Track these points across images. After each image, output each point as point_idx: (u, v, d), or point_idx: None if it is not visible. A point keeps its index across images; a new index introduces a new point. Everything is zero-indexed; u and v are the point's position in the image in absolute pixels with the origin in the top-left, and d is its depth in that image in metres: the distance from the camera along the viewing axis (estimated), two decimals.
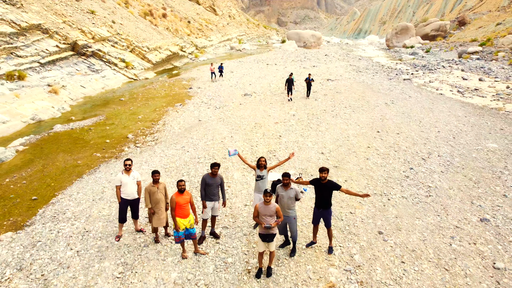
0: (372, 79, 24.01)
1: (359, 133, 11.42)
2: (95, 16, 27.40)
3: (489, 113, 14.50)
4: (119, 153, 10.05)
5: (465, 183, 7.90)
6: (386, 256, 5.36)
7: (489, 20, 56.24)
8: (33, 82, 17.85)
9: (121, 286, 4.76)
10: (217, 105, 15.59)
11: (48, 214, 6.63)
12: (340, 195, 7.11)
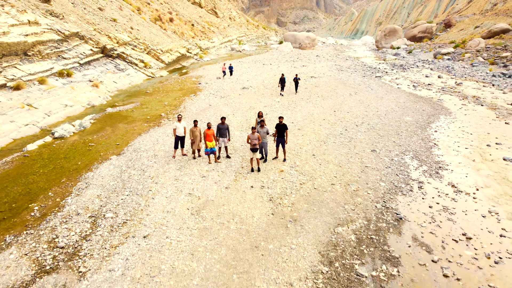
0: (349, 76, 29.32)
1: (320, 112, 16.73)
2: (117, 24, 32.77)
3: (423, 100, 19.81)
4: (159, 123, 15.36)
5: (374, 136, 13.19)
6: (312, 163, 10.64)
7: (470, 23, 61.46)
8: (78, 78, 23.16)
9: (178, 172, 10.03)
10: (222, 95, 20.92)
11: (130, 149, 11.93)
12: (298, 141, 12.40)
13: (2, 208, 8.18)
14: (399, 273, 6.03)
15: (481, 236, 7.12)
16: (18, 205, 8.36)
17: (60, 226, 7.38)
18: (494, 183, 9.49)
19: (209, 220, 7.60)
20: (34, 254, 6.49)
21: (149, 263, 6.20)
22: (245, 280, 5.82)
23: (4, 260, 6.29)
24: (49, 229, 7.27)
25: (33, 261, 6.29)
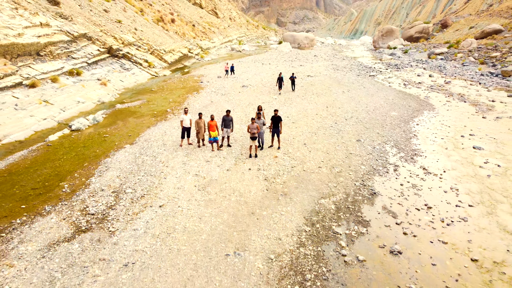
0: (344, 75, 30.80)
1: (314, 108, 18.21)
2: (122, 25, 34.25)
3: (411, 97, 21.28)
4: (166, 118, 16.83)
5: (361, 129, 14.67)
6: (303, 150, 12.11)
7: (466, 24, 62.93)
8: (87, 77, 24.63)
9: (185, 158, 11.50)
10: (223, 93, 22.40)
11: (142, 139, 13.40)
12: (292, 133, 13.88)
13: (37, 186, 9.65)
14: (367, 231, 7.50)
15: (440, 206, 8.59)
16: (50, 183, 9.83)
17: (89, 199, 8.86)
18: (460, 167, 10.97)
19: (213, 194, 9.07)
20: (71, 218, 7.97)
21: (165, 224, 7.67)
22: (243, 236, 7.29)
23: (47, 223, 7.77)
24: (80, 201, 8.74)
25: (70, 224, 7.76)
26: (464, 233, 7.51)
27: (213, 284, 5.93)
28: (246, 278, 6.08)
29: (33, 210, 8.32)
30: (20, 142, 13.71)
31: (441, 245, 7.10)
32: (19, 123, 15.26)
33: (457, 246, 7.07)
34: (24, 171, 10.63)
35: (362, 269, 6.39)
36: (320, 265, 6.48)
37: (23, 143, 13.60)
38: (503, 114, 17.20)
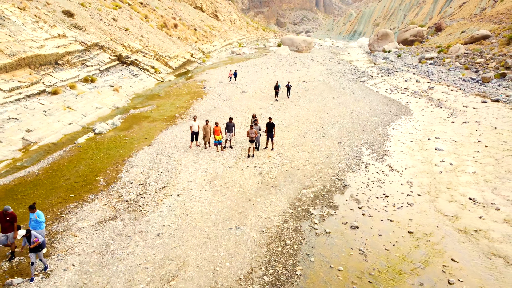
0: (337, 81, 33.32)
1: (305, 113, 20.75)
2: (129, 33, 36.76)
3: (393, 103, 23.81)
4: (175, 122, 19.36)
5: (343, 132, 17.20)
6: (293, 151, 14.64)
7: (458, 28, 65.39)
8: (100, 83, 27.15)
9: (195, 158, 14.03)
10: (224, 99, 24.93)
11: (157, 142, 15.94)
12: (284, 136, 16.40)
13: (78, 180, 12.19)
14: (335, 213, 10.04)
15: (395, 195, 11.13)
16: (88, 178, 12.37)
17: (122, 189, 11.39)
18: (419, 165, 13.50)
19: (219, 186, 11.61)
20: (111, 204, 10.50)
21: (183, 208, 10.21)
22: (242, 216, 9.83)
23: (94, 207, 10.31)
24: (115, 191, 11.28)
25: (111, 208, 10.30)
26: (408, 214, 10.04)
27: (221, 246, 8.46)
28: (244, 243, 8.62)
29: (80, 198, 10.86)
30: (53, 144, 16.24)
31: (388, 222, 9.64)
32: (50, 127, 17.81)
33: (400, 223, 9.61)
34: (65, 168, 13.17)
35: (328, 237, 8.93)
36: (298, 235, 9.02)
37: (56, 145, 16.13)
38: (471, 119, 19.74)
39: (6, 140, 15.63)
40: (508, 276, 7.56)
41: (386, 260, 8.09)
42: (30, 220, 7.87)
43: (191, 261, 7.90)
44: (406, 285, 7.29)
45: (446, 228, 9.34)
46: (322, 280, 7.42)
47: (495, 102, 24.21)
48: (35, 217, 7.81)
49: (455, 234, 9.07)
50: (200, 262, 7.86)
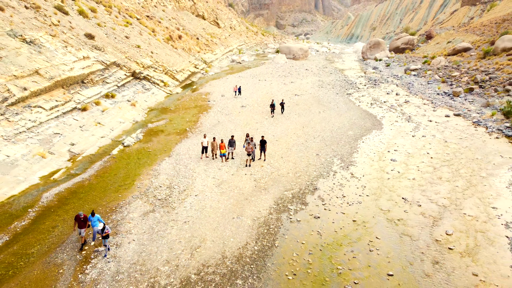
0: (326, 94, 37.89)
1: (294, 127, 25.32)
2: (141, 49, 41.32)
3: (369, 117, 28.38)
4: (187, 136, 23.94)
5: (322, 146, 21.77)
6: (280, 162, 19.21)
7: (445, 38, 69.91)
8: (119, 99, 31.72)
9: (205, 167, 18.61)
10: (226, 113, 29.50)
11: (174, 153, 20.53)
12: (275, 148, 20.96)
13: (121, 184, 16.76)
14: (305, 208, 14.63)
15: (350, 196, 15.70)
16: (126, 182, 16.94)
17: (154, 191, 15.97)
18: (374, 172, 18.08)
19: (224, 188, 16.19)
20: (149, 201, 15.08)
21: (200, 204, 14.79)
22: (241, 209, 14.41)
23: (137, 204, 14.88)
24: (150, 192, 15.86)
25: (149, 204, 14.88)
26: (356, 209, 14.61)
27: (227, 229, 13.03)
28: (242, 227, 13.19)
29: (126, 198, 15.45)
30: (93, 155, 20.83)
31: (341, 214, 14.21)
32: (87, 141, 22.41)
33: (349, 215, 14.19)
34: (108, 175, 17.76)
35: (298, 224, 13.50)
36: (278, 222, 13.60)
37: (95, 155, 20.72)
38: (429, 133, 24.31)
39: (57, 153, 20.25)
40: (407, 247, 12.12)
41: (333, 238, 12.67)
42: (93, 220, 12.23)
43: (208, 238, 12.49)
44: (342, 252, 11.86)
45: (379, 218, 13.93)
46: (290, 249, 12.00)
47: (456, 117, 28.78)
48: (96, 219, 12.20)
49: (384, 222, 13.66)
50: (214, 238, 12.45)
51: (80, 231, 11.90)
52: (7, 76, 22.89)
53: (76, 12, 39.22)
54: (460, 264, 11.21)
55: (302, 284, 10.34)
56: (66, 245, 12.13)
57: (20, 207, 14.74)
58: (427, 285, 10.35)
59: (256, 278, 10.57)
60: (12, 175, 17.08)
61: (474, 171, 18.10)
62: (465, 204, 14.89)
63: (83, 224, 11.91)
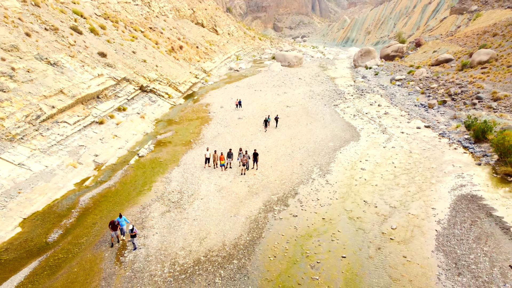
0: (315, 105, 42.25)
1: (283, 139, 29.69)
2: (147, 64, 45.56)
3: (349, 129, 32.75)
4: (191, 147, 28.25)
5: (305, 156, 26.13)
6: (270, 170, 23.55)
7: (432, 47, 74.39)
8: (129, 111, 35.97)
9: (208, 175, 22.94)
10: (225, 125, 33.82)
11: (182, 163, 24.85)
12: (266, 158, 25.31)
13: (141, 189, 21.07)
14: (287, 208, 18.99)
15: (323, 199, 20.07)
16: (145, 188, 21.24)
17: (168, 195, 20.28)
18: (345, 180, 22.45)
19: (224, 193, 20.52)
20: (165, 203, 19.39)
21: (205, 206, 19.13)
22: (237, 210, 18.76)
23: (156, 206, 19.19)
24: (165, 197, 20.17)
25: (166, 205, 19.20)
26: (326, 210, 18.97)
27: (226, 225, 17.36)
28: (237, 223, 17.53)
29: (147, 200, 19.75)
30: (114, 164, 25.11)
31: (314, 214, 18.57)
32: (108, 152, 26.69)
33: (320, 214, 18.55)
34: (129, 182, 22.06)
35: (280, 221, 17.85)
36: (265, 220, 17.95)
37: (116, 165, 25.01)
38: (398, 144, 28.70)
39: (85, 163, 24.55)
40: (360, 238, 16.47)
41: (306, 231, 17.03)
42: (120, 220, 16.37)
43: (212, 231, 16.83)
44: (311, 241, 16.21)
45: (343, 216, 18.31)
46: (273, 239, 16.35)
47: (426, 128, 33.19)
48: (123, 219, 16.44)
49: (346, 219, 18.03)
50: (216, 231, 16.79)
51: (113, 233, 16.08)
52: (39, 96, 27.15)
53: (88, 30, 43.40)
54: (396, 250, 15.60)
55: (279, 263, 14.70)
56: (105, 237, 16.45)
57: (64, 208, 19.06)
58: (369, 264, 14.72)
59: (247, 259, 14.92)
60: (53, 183, 21.38)
61: (426, 178, 22.52)
62: (412, 205, 19.30)
63: (115, 228, 16.03)
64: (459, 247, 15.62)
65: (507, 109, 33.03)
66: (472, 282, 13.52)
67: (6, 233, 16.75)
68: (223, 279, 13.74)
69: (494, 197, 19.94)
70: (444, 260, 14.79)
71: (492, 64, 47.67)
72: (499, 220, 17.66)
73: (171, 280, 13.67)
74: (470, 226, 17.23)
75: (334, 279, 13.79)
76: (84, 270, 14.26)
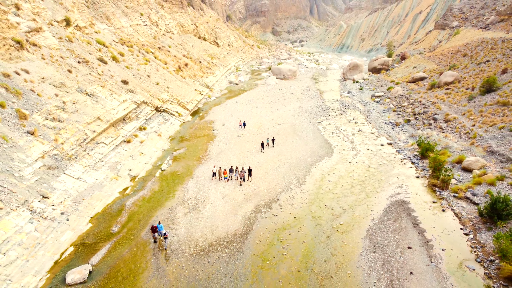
0: (302, 122, 51.07)
1: (272, 155, 38.54)
2: (159, 86, 54.34)
3: (326, 147, 41.58)
4: (201, 162, 37.11)
5: (287, 170, 34.98)
6: (260, 182, 32.40)
7: (413, 62, 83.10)
8: (149, 130, 44.79)
9: (215, 185, 31.78)
10: (226, 142, 42.66)
11: (195, 175, 33.73)
12: (258, 172, 34.16)
13: (167, 196, 29.92)
14: (270, 210, 27.88)
15: (296, 203, 28.92)
16: (170, 195, 30.09)
17: (188, 201, 29.15)
18: (315, 189, 31.30)
19: (227, 199, 29.40)
20: (185, 207, 28.26)
21: (214, 209, 28.01)
22: (236, 211, 27.64)
23: (179, 208, 28.06)
24: (185, 202, 29.03)
25: (186, 208, 28.07)
26: (297, 211, 27.79)
27: (229, 221, 26.22)
28: (236, 221, 26.38)
29: (172, 205, 28.62)
30: (143, 177, 33.95)
31: (289, 214, 27.43)
32: (137, 166, 35.54)
33: (293, 214, 27.38)
34: (158, 190, 30.92)
35: (265, 219, 26.71)
36: (255, 218, 26.81)
37: (145, 177, 33.86)
38: (361, 160, 37.51)
39: (123, 176, 33.43)
40: (317, 230, 25.32)
41: (282, 226, 25.88)
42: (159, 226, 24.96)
43: (219, 225, 25.71)
44: (285, 232, 25.06)
45: (308, 216, 27.17)
46: (260, 231, 25.20)
47: (388, 145, 42.00)
48: (161, 226, 25.23)
49: (310, 218, 26.88)
50: (223, 226, 25.66)
51: (153, 235, 24.72)
52: (84, 123, 36.00)
53: (110, 58, 52.18)
54: (338, 237, 24.45)
55: (263, 245, 23.55)
56: (148, 230, 25.29)
57: (116, 210, 27.92)
58: (320, 246, 23.57)
59: (243, 243, 23.77)
60: (104, 191, 30.26)
61: (374, 188, 31.37)
62: (358, 208, 28.14)
63: (154, 230, 24.60)
64: (380, 236, 24.48)
65: (452, 130, 41.85)
66: (381, 256, 22.39)
67: (83, 227, 25.63)
68: (227, 255, 22.61)
69: (417, 202, 28.82)
70: (368, 244, 23.67)
71: (455, 85, 56.46)
72: (413, 218, 26.55)
73: (195, 255, 22.55)
74: (392, 222, 26.11)
75: (296, 254, 22.68)
76: (139, 249, 23.14)
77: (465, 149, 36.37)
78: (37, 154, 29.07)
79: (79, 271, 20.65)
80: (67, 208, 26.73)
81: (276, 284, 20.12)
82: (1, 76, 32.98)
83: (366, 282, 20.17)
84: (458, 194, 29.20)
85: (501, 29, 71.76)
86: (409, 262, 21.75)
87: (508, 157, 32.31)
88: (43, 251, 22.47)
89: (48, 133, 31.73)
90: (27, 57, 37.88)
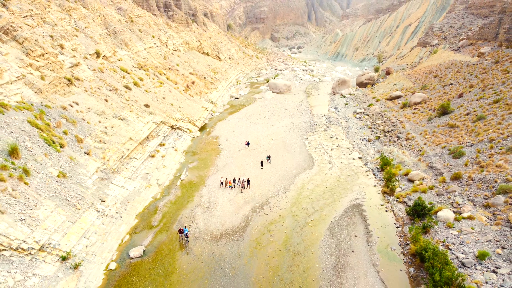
0: (292, 138, 63.01)
1: (266, 168, 50.50)
2: (173, 107, 66.21)
3: (309, 160, 53.54)
4: (211, 173, 49.08)
5: (276, 181, 46.96)
6: (256, 189, 44.38)
7: (395, 79, 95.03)
8: (167, 146, 56.71)
9: (222, 192, 43.73)
10: (230, 156, 54.63)
11: (207, 184, 45.71)
12: (254, 182, 46.11)
13: (188, 200, 41.89)
14: (263, 211, 39.89)
15: (281, 205, 40.90)
16: (189, 199, 42.04)
17: (204, 203, 41.10)
18: (296, 195, 43.25)
19: (231, 203, 41.36)
20: (202, 208, 40.26)
21: (223, 209, 39.98)
22: (238, 211, 39.63)
23: (198, 209, 40.06)
24: (202, 204, 41.00)
25: (202, 209, 40.10)
26: (282, 211, 39.71)
27: (234, 218, 38.17)
28: (239, 218, 38.34)
29: (192, 206, 40.58)
30: (168, 185, 45.90)
31: (276, 213, 39.39)
32: (163, 177, 47.49)
33: (279, 213, 39.34)
34: (181, 196, 42.88)
35: (259, 216, 38.65)
36: (252, 217, 38.76)
37: (169, 185, 45.82)
38: (334, 172, 49.44)
39: (153, 184, 45.45)
40: (294, 223, 37.27)
41: (270, 221, 37.83)
42: (185, 229, 36.85)
43: (227, 221, 37.69)
44: (272, 226, 37.02)
45: (289, 215, 39.14)
46: (255, 225, 37.16)
47: (359, 159, 53.90)
48: (186, 229, 37.12)
49: (290, 216, 38.85)
50: (229, 221, 37.63)
51: (180, 235, 36.54)
52: (120, 143, 47.96)
53: (133, 84, 64.05)
54: (309, 229, 36.41)
55: (257, 234, 35.50)
56: (177, 226, 37.21)
57: (152, 210, 39.86)
58: (295, 235, 35.52)
59: (243, 233, 35.72)
60: (141, 197, 42.23)
61: (340, 194, 43.33)
62: (325, 209, 40.06)
63: (181, 232, 36.43)
64: (337, 228, 36.44)
65: (409, 147, 53.79)
66: (335, 241, 34.34)
67: (132, 222, 37.58)
68: (233, 240, 34.56)
69: (369, 204, 40.81)
70: (328, 233, 35.63)
71: (422, 105, 68.40)
72: (364, 216, 38.54)
73: (211, 240, 34.50)
74: (348, 219, 38.08)
75: (278, 240, 34.64)
76: (174, 237, 35.09)
77: (413, 164, 48.39)
78: (93, 169, 41.01)
79: (137, 249, 32.61)
80: (118, 208, 38.69)
81: (265, 258, 32.09)
82: (61, 109, 44.91)
83: (322, 257, 32.16)
84: (399, 199, 41.24)
85: (468, 52, 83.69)
86: (353, 245, 33.75)
87: (441, 171, 44.30)
88: (110, 237, 34.44)
89: (97, 152, 43.65)
90: (75, 91, 49.81)
